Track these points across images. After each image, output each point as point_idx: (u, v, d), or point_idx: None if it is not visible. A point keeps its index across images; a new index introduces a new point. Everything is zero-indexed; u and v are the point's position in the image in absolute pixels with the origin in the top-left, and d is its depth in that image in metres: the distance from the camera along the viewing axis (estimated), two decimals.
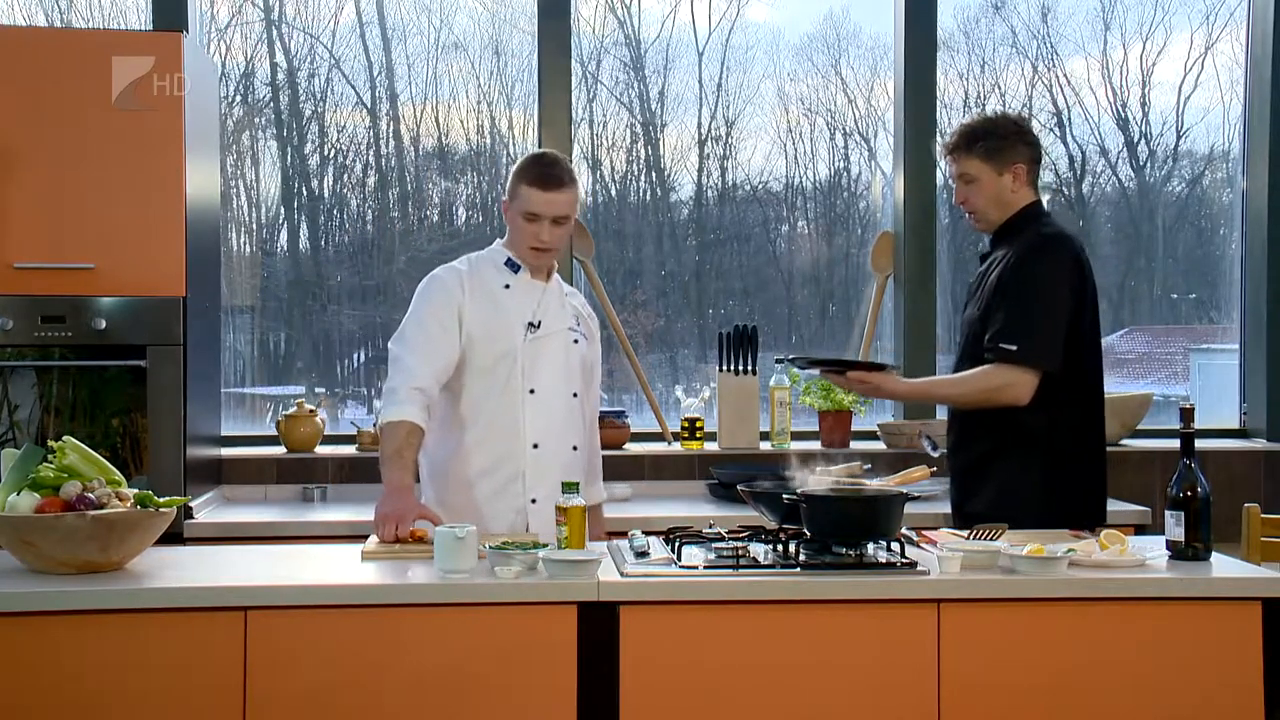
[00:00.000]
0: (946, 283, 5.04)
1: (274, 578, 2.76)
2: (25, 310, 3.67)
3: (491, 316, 3.28)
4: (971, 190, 3.42)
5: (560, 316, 3.36)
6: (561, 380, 3.32)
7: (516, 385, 3.27)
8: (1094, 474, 3.37)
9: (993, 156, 3.38)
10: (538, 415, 3.28)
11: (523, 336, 3.28)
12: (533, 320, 3.30)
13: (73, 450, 2.79)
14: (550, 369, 3.31)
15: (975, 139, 3.40)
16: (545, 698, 2.63)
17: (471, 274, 3.33)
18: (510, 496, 3.26)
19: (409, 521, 2.99)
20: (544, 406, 3.28)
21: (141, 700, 2.58)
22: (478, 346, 3.26)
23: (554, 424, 3.30)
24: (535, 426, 3.27)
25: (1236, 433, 4.99)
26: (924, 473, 4.16)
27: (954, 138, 3.45)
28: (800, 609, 2.67)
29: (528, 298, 3.33)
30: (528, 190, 3.26)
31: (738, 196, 5.22)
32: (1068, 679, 2.69)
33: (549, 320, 3.33)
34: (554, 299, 3.37)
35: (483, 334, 3.27)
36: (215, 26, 4.91)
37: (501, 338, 3.27)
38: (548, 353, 3.31)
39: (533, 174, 3.27)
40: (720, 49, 5.13)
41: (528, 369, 3.27)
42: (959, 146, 3.43)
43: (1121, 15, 5.22)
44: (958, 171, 3.44)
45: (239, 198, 5.00)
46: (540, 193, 3.25)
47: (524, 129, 5.01)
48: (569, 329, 3.37)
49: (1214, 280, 5.29)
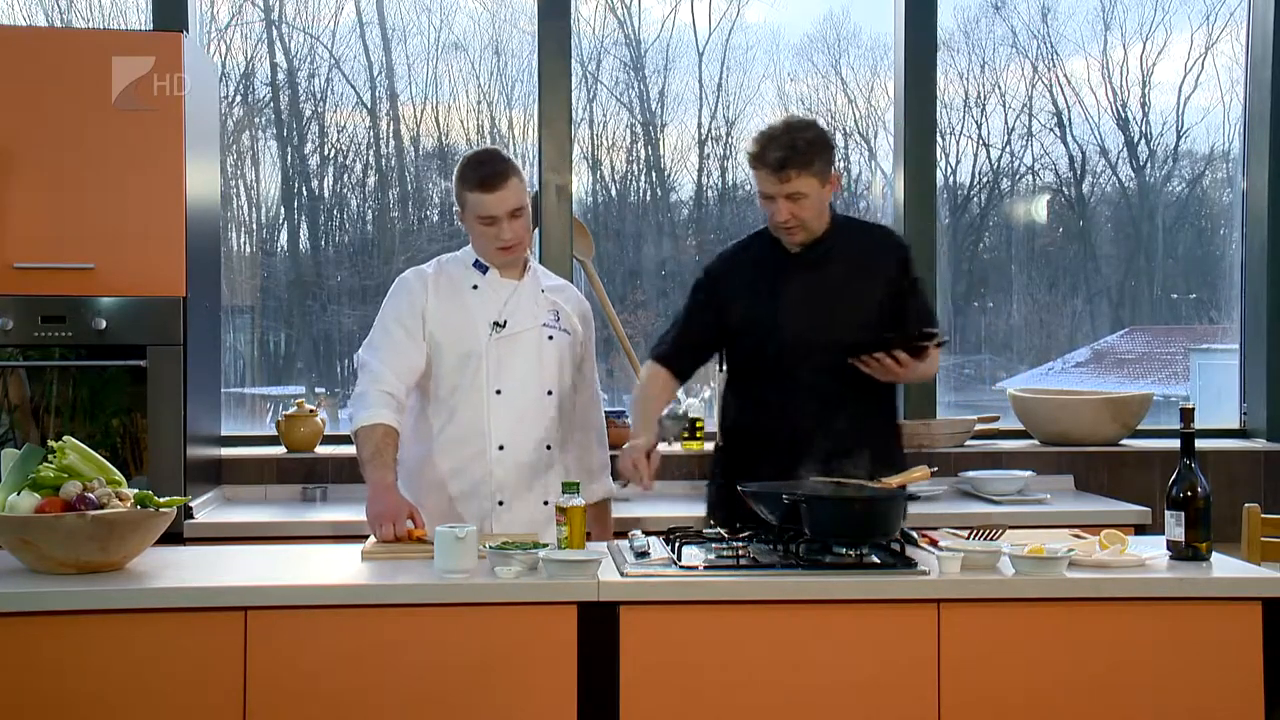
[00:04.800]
0: (946, 283, 5.05)
1: (274, 578, 2.76)
2: (25, 310, 3.67)
3: (456, 318, 3.27)
4: (800, 206, 3.19)
5: (531, 313, 3.32)
6: (532, 379, 3.29)
7: (482, 386, 3.25)
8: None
9: (824, 170, 3.20)
10: (503, 416, 3.26)
11: (487, 336, 3.26)
12: (498, 320, 3.28)
13: (73, 450, 2.79)
14: (518, 368, 3.28)
15: (812, 156, 3.16)
16: (545, 698, 2.63)
17: (439, 275, 3.32)
18: (480, 498, 3.26)
19: (403, 517, 2.99)
20: (510, 407, 3.26)
21: (141, 700, 2.58)
22: (443, 348, 3.26)
23: (522, 424, 3.27)
24: (501, 427, 3.25)
25: (1236, 433, 4.99)
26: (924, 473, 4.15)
27: (784, 152, 3.14)
28: (800, 609, 2.67)
29: (495, 297, 3.30)
30: (474, 196, 3.22)
31: (738, 196, 5.22)
32: (1067, 679, 2.69)
33: (517, 318, 3.30)
34: (526, 296, 3.33)
35: (446, 336, 3.26)
36: (215, 26, 4.91)
37: (466, 338, 3.26)
38: (516, 352, 3.28)
39: (473, 179, 3.22)
40: (720, 49, 5.13)
41: (493, 369, 3.26)
42: (794, 163, 3.15)
43: (1121, 15, 5.22)
44: (789, 190, 3.17)
45: (239, 198, 5.00)
46: (486, 195, 3.21)
47: (524, 129, 5.01)
48: (542, 325, 3.32)
49: (1214, 280, 5.29)
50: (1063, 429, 4.61)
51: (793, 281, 3.30)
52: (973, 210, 5.35)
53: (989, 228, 5.41)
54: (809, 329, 3.26)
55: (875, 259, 3.32)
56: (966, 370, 5.27)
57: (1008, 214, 5.34)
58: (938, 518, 3.77)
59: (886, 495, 2.88)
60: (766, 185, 3.20)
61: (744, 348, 3.36)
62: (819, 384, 3.24)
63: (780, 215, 3.22)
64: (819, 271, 3.29)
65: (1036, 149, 5.27)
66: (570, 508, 2.85)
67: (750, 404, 3.36)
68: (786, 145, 3.16)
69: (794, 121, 3.25)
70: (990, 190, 5.35)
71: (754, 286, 3.33)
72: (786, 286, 3.29)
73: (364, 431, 3.15)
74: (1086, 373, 5.37)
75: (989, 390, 5.24)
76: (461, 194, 3.26)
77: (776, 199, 3.20)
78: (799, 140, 3.17)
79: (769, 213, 3.26)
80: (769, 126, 3.24)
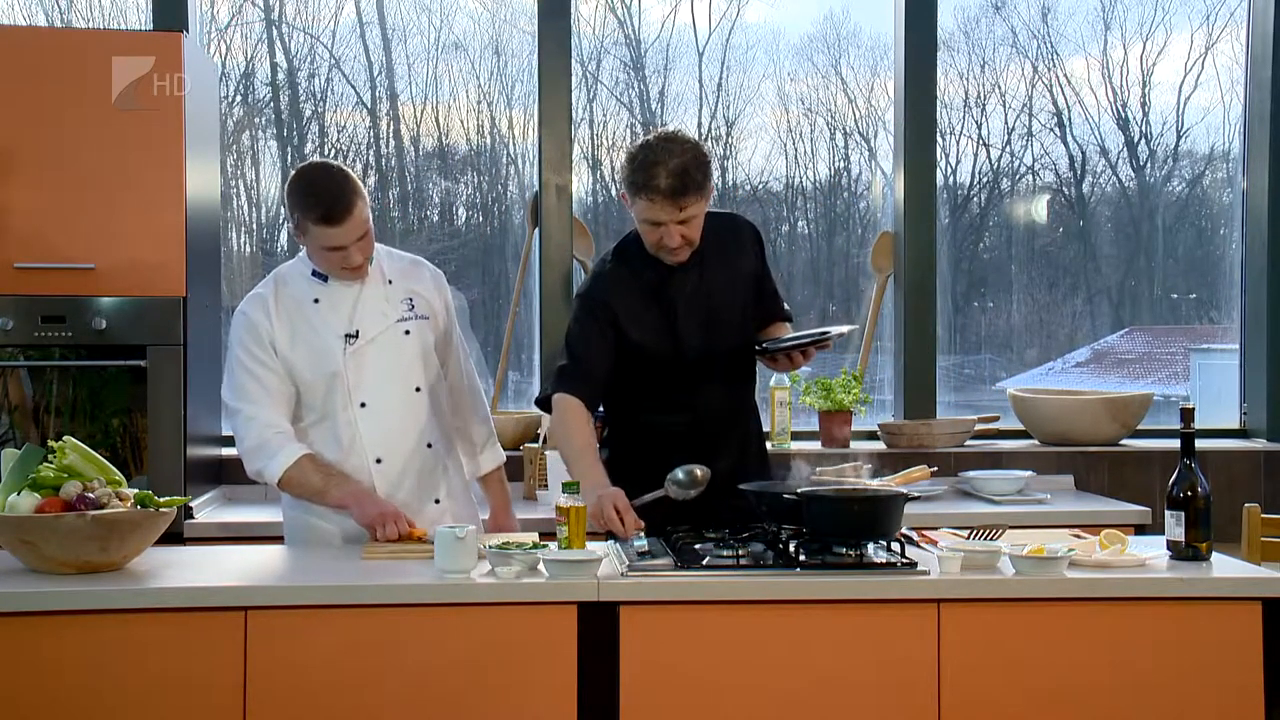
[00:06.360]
0: (946, 283, 5.05)
1: (274, 578, 2.76)
2: (25, 310, 3.67)
3: (305, 340, 3.12)
4: (690, 228, 3.07)
5: (382, 313, 3.17)
6: (396, 382, 3.17)
7: (347, 402, 3.13)
8: None
9: (710, 187, 3.07)
10: (374, 428, 3.14)
11: (342, 351, 3.12)
12: (349, 331, 3.13)
13: (73, 450, 2.79)
14: (379, 375, 3.15)
15: (704, 178, 3.02)
16: (545, 698, 2.63)
17: (278, 298, 3.15)
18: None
19: (401, 515, 2.99)
20: (378, 418, 3.14)
21: (141, 700, 2.58)
22: (301, 374, 3.12)
23: (394, 431, 3.16)
24: (373, 440, 3.14)
25: (1236, 433, 4.99)
26: (924, 473, 4.18)
27: (678, 180, 2.98)
28: (800, 609, 2.67)
29: (340, 307, 3.15)
30: (318, 230, 3.00)
31: (738, 196, 5.22)
32: (1068, 679, 2.69)
33: (368, 324, 3.15)
34: (373, 295, 3.17)
35: (301, 361, 3.12)
36: (215, 26, 4.91)
37: (321, 359, 3.12)
38: (374, 358, 3.14)
39: (316, 212, 2.98)
40: (720, 49, 5.13)
41: (354, 382, 3.12)
42: (692, 189, 3.00)
43: (1121, 15, 5.22)
44: (684, 216, 3.03)
45: (239, 198, 5.00)
46: (331, 229, 3.00)
47: (524, 129, 5.01)
48: (397, 322, 3.17)
49: (1214, 280, 5.29)
50: (1062, 429, 4.61)
51: (681, 295, 3.19)
52: (973, 210, 5.35)
53: (989, 228, 5.41)
54: (707, 340, 3.20)
55: (739, 248, 3.29)
56: (966, 370, 5.27)
57: (1008, 214, 5.35)
58: (938, 518, 3.77)
59: (886, 495, 2.88)
60: (657, 214, 3.02)
61: (634, 370, 3.21)
62: (716, 393, 3.24)
63: (673, 241, 3.06)
64: (701, 279, 3.20)
65: (1036, 149, 5.27)
66: (570, 508, 2.84)
67: (638, 426, 3.27)
68: (679, 172, 2.98)
69: (674, 142, 3.03)
70: (990, 190, 5.35)
71: (645, 306, 3.19)
72: (677, 302, 3.19)
73: (294, 471, 3.05)
74: (1086, 373, 5.37)
75: (989, 390, 5.24)
76: (302, 221, 3.02)
77: (668, 225, 3.03)
78: (690, 165, 2.99)
79: (654, 238, 3.08)
80: (647, 150, 3.02)
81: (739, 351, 3.28)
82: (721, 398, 3.27)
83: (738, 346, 3.27)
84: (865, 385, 4.74)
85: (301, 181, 3.05)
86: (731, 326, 3.25)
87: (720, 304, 3.23)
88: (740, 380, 3.35)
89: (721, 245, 3.24)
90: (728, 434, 3.28)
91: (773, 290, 3.39)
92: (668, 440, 3.21)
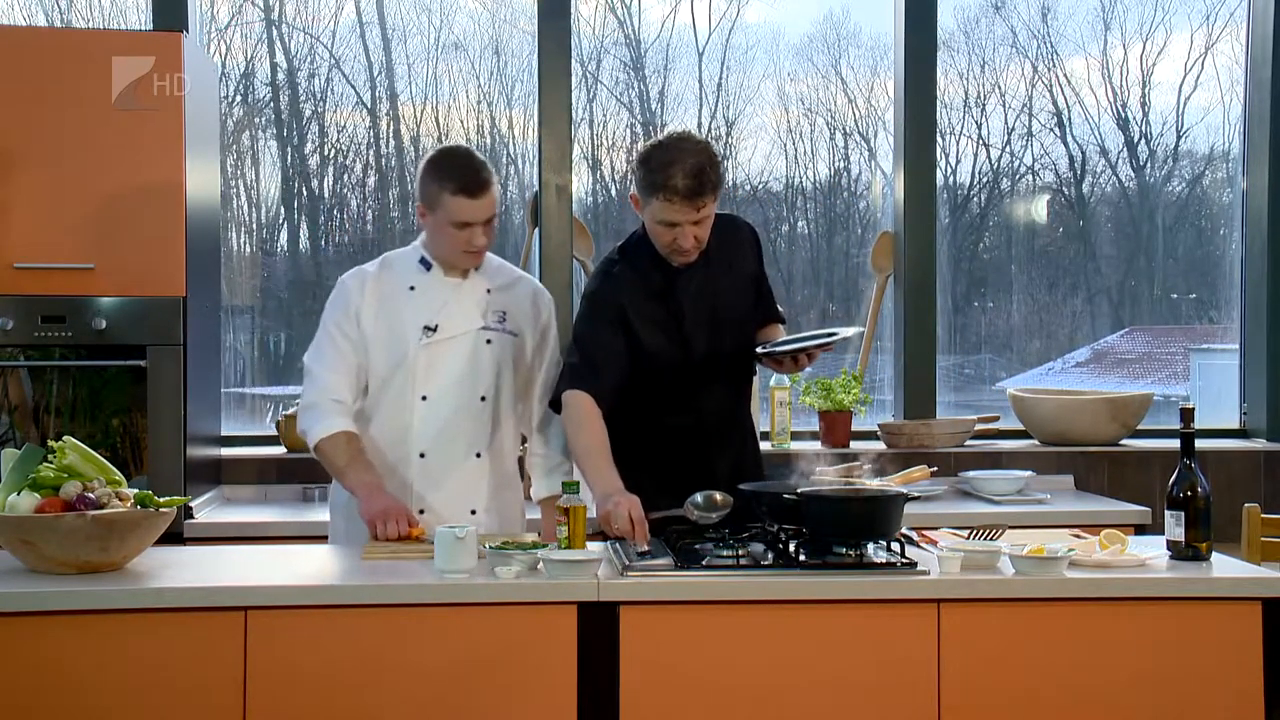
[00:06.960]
0: (946, 283, 5.05)
1: (274, 578, 2.76)
2: (25, 310, 3.67)
3: (387, 322, 3.17)
4: (703, 228, 3.06)
5: (468, 316, 3.19)
6: (465, 385, 3.17)
7: (407, 391, 3.17)
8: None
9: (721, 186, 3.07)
10: (428, 423, 3.16)
11: (417, 341, 3.16)
12: (429, 324, 3.16)
13: (73, 450, 2.79)
14: (448, 373, 3.16)
15: (719, 177, 3.03)
16: (545, 698, 2.63)
17: (379, 276, 3.22)
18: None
19: (404, 514, 2.99)
20: (436, 414, 3.16)
21: (141, 700, 2.58)
22: (374, 353, 3.17)
23: (447, 432, 3.17)
24: (424, 435, 3.16)
25: (1236, 433, 4.99)
26: (924, 473, 4.18)
27: (696, 180, 2.96)
28: (800, 609, 2.67)
29: (431, 299, 3.18)
30: (455, 200, 3.06)
31: (738, 196, 5.22)
32: (1068, 679, 2.69)
33: (452, 322, 3.17)
34: (468, 297, 3.20)
35: (378, 340, 3.17)
36: (215, 26, 4.91)
37: (396, 343, 3.16)
38: (447, 357, 3.17)
39: (455, 181, 3.06)
40: (720, 49, 5.13)
41: (421, 375, 3.16)
42: (709, 190, 2.99)
43: (1121, 15, 5.22)
44: (700, 217, 3.02)
45: (239, 198, 5.00)
46: (469, 200, 3.06)
47: (524, 129, 5.01)
48: (481, 329, 3.19)
49: (1214, 280, 5.29)
50: (1062, 429, 4.61)
51: (686, 296, 3.18)
52: (973, 210, 5.35)
53: (989, 228, 5.41)
54: (712, 341, 3.20)
55: (739, 250, 3.29)
56: (966, 370, 5.27)
57: (1008, 214, 5.35)
58: (938, 518, 3.77)
59: (886, 495, 2.88)
60: (674, 214, 3.00)
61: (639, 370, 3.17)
62: (717, 393, 3.24)
63: (687, 242, 3.04)
64: (706, 280, 3.19)
65: (1036, 149, 5.27)
66: (571, 507, 2.84)
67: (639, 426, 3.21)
68: (696, 172, 2.96)
69: (688, 142, 3.03)
70: (990, 190, 5.35)
71: (653, 307, 3.17)
72: (683, 304, 3.18)
73: (327, 443, 3.09)
74: (1086, 373, 5.37)
75: (989, 390, 5.24)
76: (437, 194, 3.08)
77: (683, 225, 3.02)
78: (706, 164, 2.98)
79: (668, 239, 3.06)
80: (662, 151, 3.00)
81: (741, 352, 3.28)
82: (723, 398, 3.28)
83: (740, 347, 3.27)
84: (865, 385, 4.74)
85: (442, 155, 3.15)
86: (735, 327, 3.26)
87: (724, 305, 3.23)
88: (741, 381, 3.35)
89: (723, 246, 3.23)
90: (728, 434, 3.29)
91: (769, 291, 3.40)
92: (669, 440, 3.21)
